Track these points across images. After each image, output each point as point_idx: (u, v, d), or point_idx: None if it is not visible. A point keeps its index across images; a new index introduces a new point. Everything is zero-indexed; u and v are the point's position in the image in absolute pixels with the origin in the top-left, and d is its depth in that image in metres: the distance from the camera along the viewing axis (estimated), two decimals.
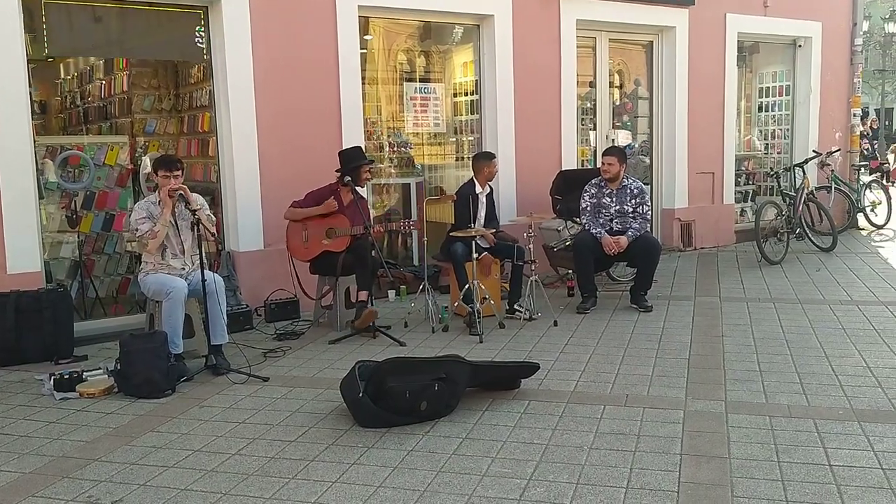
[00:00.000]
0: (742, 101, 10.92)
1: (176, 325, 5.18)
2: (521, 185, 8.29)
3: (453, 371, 4.32)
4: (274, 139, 6.84)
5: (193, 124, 7.53)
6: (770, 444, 3.77)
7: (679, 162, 9.66)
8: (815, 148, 10.63)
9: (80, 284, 6.66)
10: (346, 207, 6.26)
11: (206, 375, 5.16)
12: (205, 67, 6.95)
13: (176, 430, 4.24)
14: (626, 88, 9.88)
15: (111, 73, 8.07)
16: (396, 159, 8.25)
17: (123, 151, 6.99)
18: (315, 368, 5.35)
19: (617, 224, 6.88)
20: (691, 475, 3.46)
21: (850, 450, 3.67)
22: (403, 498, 3.33)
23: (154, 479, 3.61)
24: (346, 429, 4.14)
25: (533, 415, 4.27)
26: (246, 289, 6.74)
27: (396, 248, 8.47)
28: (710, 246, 9.98)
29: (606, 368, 5.10)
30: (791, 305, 6.74)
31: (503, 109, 8.18)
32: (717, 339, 5.75)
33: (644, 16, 9.13)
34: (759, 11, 10.14)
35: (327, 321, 6.50)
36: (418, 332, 6.21)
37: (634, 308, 6.76)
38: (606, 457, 3.69)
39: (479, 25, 8.20)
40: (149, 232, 5.25)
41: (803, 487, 3.31)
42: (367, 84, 7.66)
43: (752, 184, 11.04)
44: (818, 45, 10.85)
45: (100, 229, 6.83)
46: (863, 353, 5.24)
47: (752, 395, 4.50)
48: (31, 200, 5.86)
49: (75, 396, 4.83)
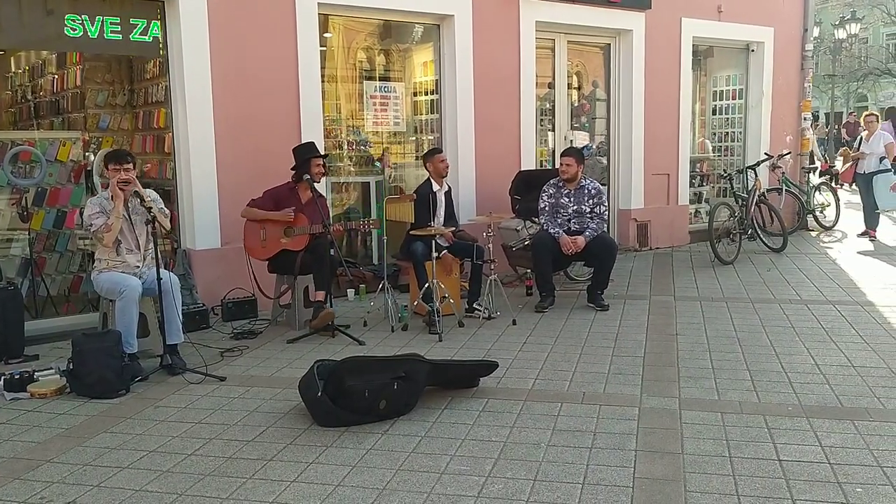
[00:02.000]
0: (696, 104, 11.11)
1: (130, 324, 5.11)
2: (481, 184, 8.33)
3: (412, 370, 4.33)
4: (231, 136, 6.76)
5: (149, 120, 7.39)
6: (722, 439, 3.86)
7: (635, 163, 9.80)
8: (766, 150, 10.86)
9: (31, 282, 6.51)
10: (305, 206, 6.22)
11: (161, 375, 5.10)
12: (161, 62, 6.84)
13: (130, 430, 4.18)
14: (584, 90, 9.98)
15: (64, 68, 7.90)
16: (356, 157, 8.23)
17: (76, 147, 6.85)
18: (273, 368, 5.31)
19: (575, 224, 6.95)
20: (646, 471, 3.52)
21: (799, 445, 3.77)
22: (362, 496, 3.33)
23: (108, 480, 3.56)
24: (304, 428, 4.13)
25: (491, 413, 4.31)
26: (202, 287, 6.66)
27: (356, 247, 8.44)
28: (665, 246, 10.14)
29: (564, 367, 5.16)
30: (743, 304, 6.89)
31: (463, 109, 8.21)
32: (671, 337, 5.85)
33: (602, 18, 9.24)
34: (713, 16, 10.33)
35: (285, 320, 6.45)
36: (378, 331, 6.21)
37: (591, 307, 6.84)
38: (563, 453, 3.73)
39: (440, 25, 8.21)
40: (103, 226, 5.17)
41: (754, 482, 3.39)
42: (326, 82, 7.61)
43: (705, 185, 11.25)
44: (770, 50, 11.09)
45: (51, 226, 6.68)
46: (811, 351, 5.38)
47: (704, 392, 4.60)
48: None
49: (26, 397, 4.74)
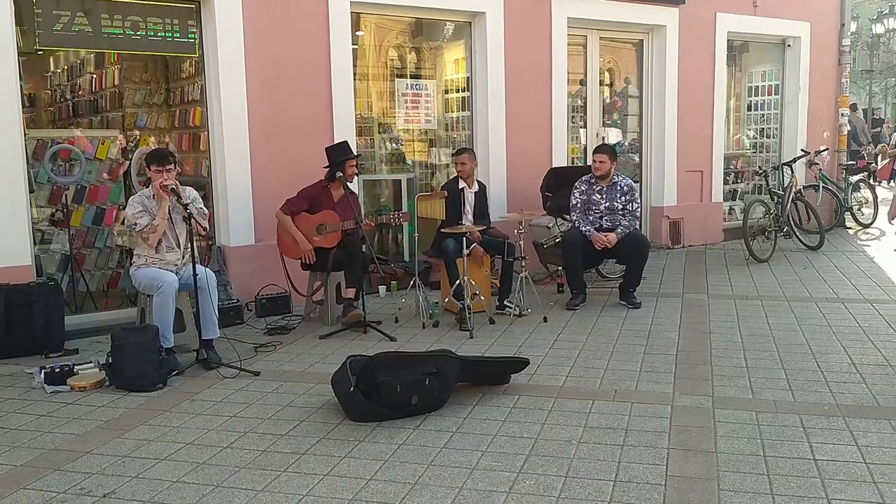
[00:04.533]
0: (731, 100, 10.98)
1: (167, 319, 5.19)
2: (512, 181, 8.33)
3: (444, 366, 4.35)
4: (265, 134, 6.84)
5: (185, 119, 7.51)
6: (756, 438, 3.82)
7: (668, 160, 9.73)
8: (803, 147, 10.70)
9: (71, 278, 6.65)
10: (338, 203, 6.27)
11: (196, 369, 5.17)
12: (196, 62, 6.94)
13: (167, 423, 4.26)
14: (616, 86, 9.92)
15: (102, 67, 8.05)
16: (387, 155, 8.27)
17: (114, 145, 6.98)
18: (306, 363, 5.37)
19: (607, 221, 6.91)
20: (678, 469, 3.50)
21: (835, 444, 3.72)
22: (394, 491, 3.36)
23: (146, 471, 3.63)
24: (336, 423, 4.17)
25: (522, 409, 4.31)
26: (237, 283, 6.75)
27: (387, 244, 8.49)
28: (698, 244, 10.04)
29: (595, 364, 5.15)
30: (778, 303, 6.81)
31: (494, 106, 8.21)
32: (704, 335, 5.80)
33: (635, 14, 9.17)
34: (748, 11, 10.20)
35: (318, 316, 6.51)
36: (409, 328, 6.24)
37: (623, 305, 6.81)
38: (595, 450, 3.72)
39: (471, 22, 8.22)
40: (148, 226, 5.25)
41: (788, 481, 3.36)
42: (358, 80, 7.66)
43: (740, 182, 11.12)
44: (807, 45, 10.92)
45: (90, 223, 6.82)
46: (848, 350, 5.31)
47: (738, 390, 4.55)
48: (21, 194, 5.85)
49: (66, 390, 4.83)
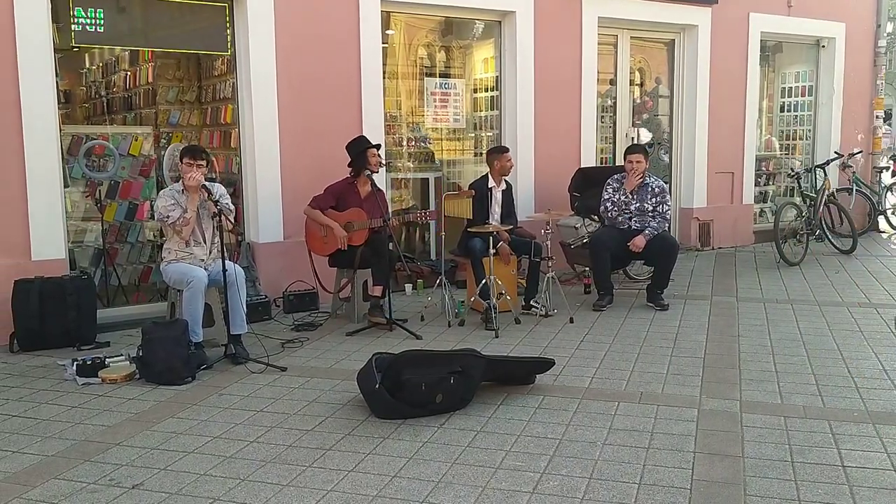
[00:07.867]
0: (764, 101, 10.85)
1: (196, 313, 5.26)
2: (540, 181, 8.31)
3: (469, 365, 4.36)
4: (296, 132, 6.90)
5: (216, 116, 7.60)
6: (784, 444, 3.78)
7: (698, 161, 9.64)
8: (836, 149, 10.55)
9: (104, 272, 6.76)
10: (365, 200, 6.29)
11: (225, 364, 5.24)
12: (228, 60, 7.02)
13: (196, 416, 4.31)
14: (646, 86, 9.85)
15: (136, 65, 8.16)
16: (415, 154, 8.29)
17: (147, 142, 7.08)
18: (332, 359, 5.41)
19: (636, 222, 6.88)
20: (704, 473, 3.48)
21: (864, 451, 3.68)
22: (418, 488, 3.38)
23: (174, 463, 3.68)
24: (362, 419, 4.20)
25: (547, 410, 4.31)
26: (265, 280, 6.81)
27: (414, 243, 8.51)
28: (727, 246, 9.94)
29: (621, 366, 5.12)
30: (809, 307, 6.72)
31: (523, 105, 8.19)
32: (732, 339, 5.75)
33: (666, 14, 9.10)
34: (782, 11, 10.08)
35: (344, 313, 6.55)
36: (434, 326, 6.25)
37: (650, 306, 6.76)
38: (620, 453, 3.71)
39: (501, 21, 8.22)
40: (180, 218, 5.33)
41: (816, 487, 3.32)
42: (387, 78, 7.69)
43: (771, 184, 10.99)
44: (841, 46, 10.76)
45: (123, 218, 6.93)
46: (879, 356, 5.23)
47: (767, 395, 4.51)
48: (56, 188, 5.96)
49: (97, 382, 4.91)
